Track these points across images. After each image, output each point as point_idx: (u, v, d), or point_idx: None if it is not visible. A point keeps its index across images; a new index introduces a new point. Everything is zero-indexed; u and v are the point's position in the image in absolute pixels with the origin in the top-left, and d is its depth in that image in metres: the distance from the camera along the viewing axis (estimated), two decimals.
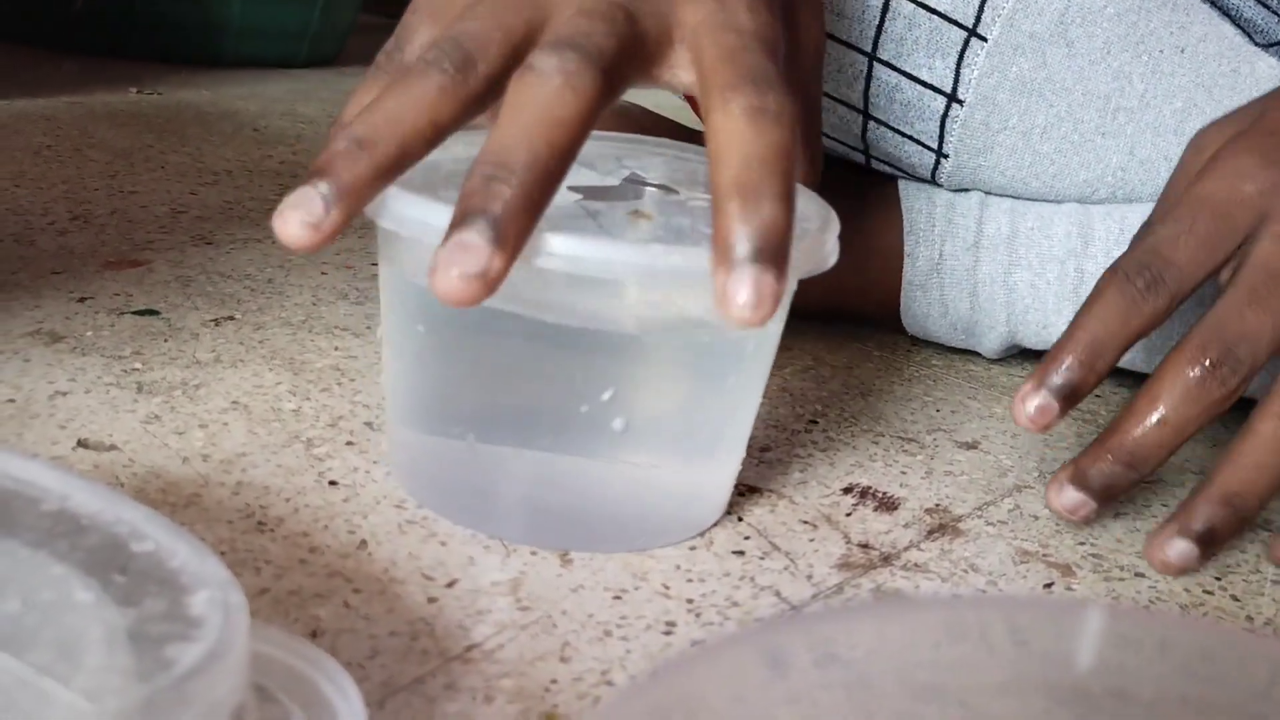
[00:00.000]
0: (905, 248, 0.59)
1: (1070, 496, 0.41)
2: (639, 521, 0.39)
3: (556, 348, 0.36)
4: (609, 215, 0.38)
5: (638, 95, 0.73)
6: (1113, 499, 0.41)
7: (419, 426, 0.39)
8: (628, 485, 0.38)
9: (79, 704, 0.21)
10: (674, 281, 0.34)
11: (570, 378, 0.36)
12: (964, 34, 0.53)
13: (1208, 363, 0.39)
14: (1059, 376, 0.40)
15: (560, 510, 0.38)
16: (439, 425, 0.39)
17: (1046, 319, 0.57)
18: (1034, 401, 0.40)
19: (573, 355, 0.36)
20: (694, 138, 0.67)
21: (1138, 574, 0.41)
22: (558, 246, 0.33)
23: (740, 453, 0.41)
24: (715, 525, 0.41)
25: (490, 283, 0.30)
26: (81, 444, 0.41)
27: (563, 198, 0.38)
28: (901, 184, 0.61)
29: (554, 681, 0.32)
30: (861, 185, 0.62)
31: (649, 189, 0.41)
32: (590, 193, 0.39)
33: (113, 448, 0.41)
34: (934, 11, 0.53)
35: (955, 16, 0.53)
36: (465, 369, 0.38)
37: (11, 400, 0.43)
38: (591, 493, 0.38)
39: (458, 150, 0.41)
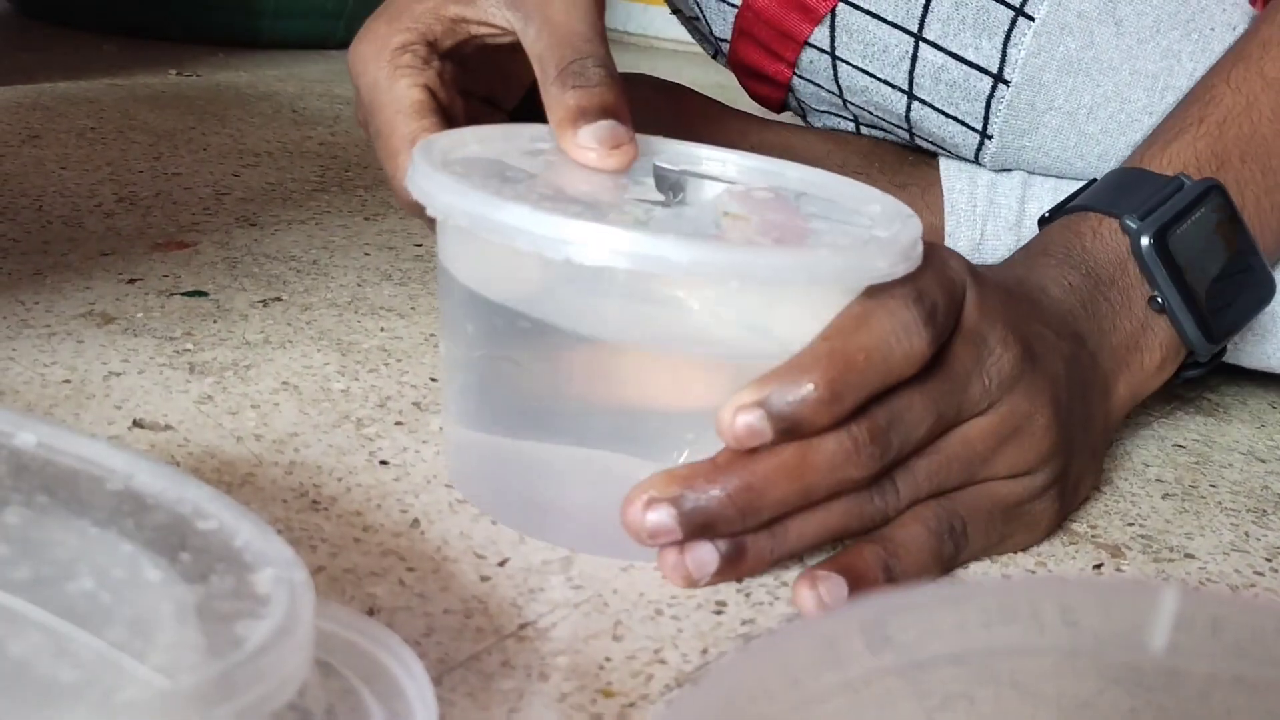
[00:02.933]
0: (946, 228, 0.59)
1: (658, 518, 0.33)
2: None
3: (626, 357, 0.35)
4: (700, 220, 0.37)
5: (686, 80, 0.72)
6: (698, 537, 0.34)
7: (481, 427, 0.38)
8: None
9: (156, 680, 0.21)
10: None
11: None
12: (1011, 13, 0.53)
13: (866, 436, 0.34)
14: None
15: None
16: (504, 428, 0.38)
17: None
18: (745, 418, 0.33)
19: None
20: (735, 120, 0.67)
21: (1187, 555, 0.41)
22: (675, 253, 0.32)
23: None
24: None
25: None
26: (137, 424, 0.41)
27: (632, 207, 0.37)
28: (943, 163, 0.60)
29: (608, 659, 0.32)
30: (902, 164, 0.62)
31: (707, 182, 0.41)
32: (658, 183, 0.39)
33: (168, 428, 0.41)
34: None
35: None
36: (532, 373, 0.37)
37: (67, 381, 0.44)
38: None
39: (522, 143, 0.41)
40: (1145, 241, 0.43)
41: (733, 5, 0.59)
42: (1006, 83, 0.54)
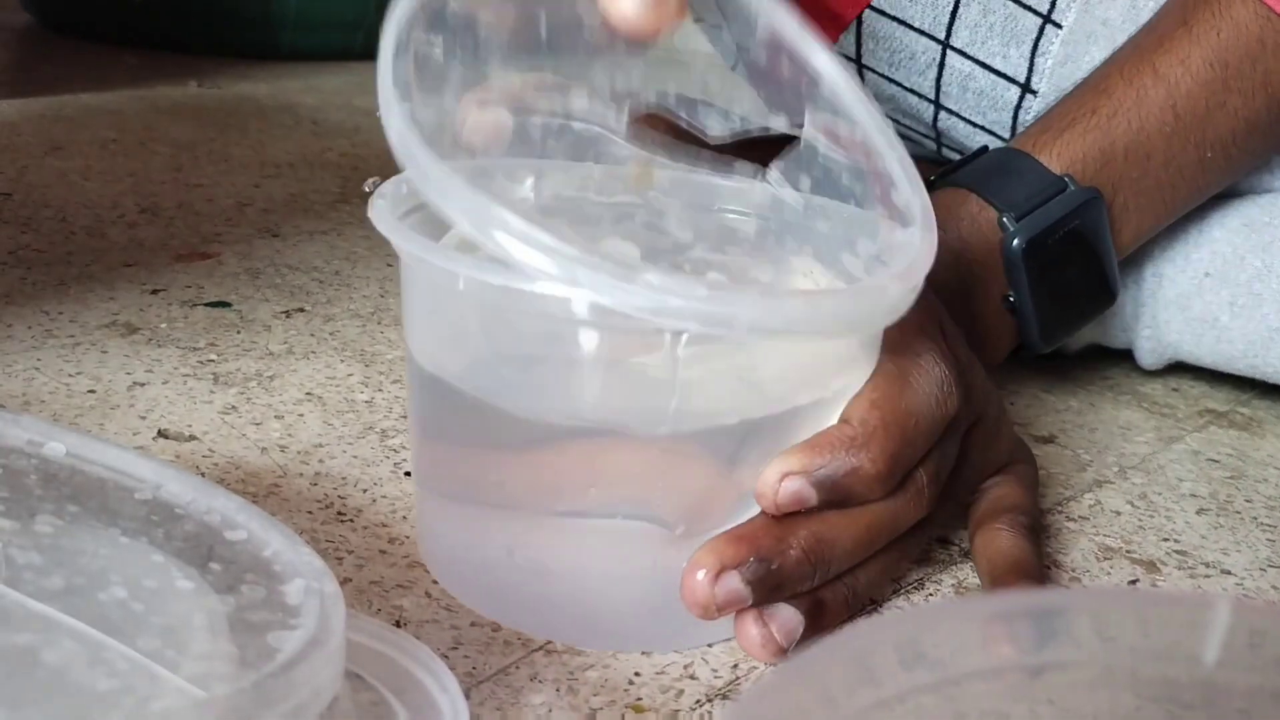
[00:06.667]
0: None
1: (730, 586, 0.30)
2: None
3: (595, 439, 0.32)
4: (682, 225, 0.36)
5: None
6: (770, 601, 0.32)
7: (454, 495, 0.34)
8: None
9: (190, 690, 0.21)
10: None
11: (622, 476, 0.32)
12: (1039, 20, 0.52)
13: (925, 480, 0.34)
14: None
15: (612, 607, 0.33)
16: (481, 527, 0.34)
17: (1112, 312, 0.56)
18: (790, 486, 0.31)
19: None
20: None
21: (1224, 570, 0.41)
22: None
23: None
24: None
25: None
26: (162, 434, 0.41)
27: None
28: None
29: (637, 674, 0.32)
30: (932, 180, 0.61)
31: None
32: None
33: (192, 438, 0.41)
34: None
35: (1030, 3, 0.52)
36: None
37: (92, 391, 0.44)
38: (643, 590, 0.33)
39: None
40: (1016, 244, 0.45)
41: None
42: (1034, 93, 0.54)
